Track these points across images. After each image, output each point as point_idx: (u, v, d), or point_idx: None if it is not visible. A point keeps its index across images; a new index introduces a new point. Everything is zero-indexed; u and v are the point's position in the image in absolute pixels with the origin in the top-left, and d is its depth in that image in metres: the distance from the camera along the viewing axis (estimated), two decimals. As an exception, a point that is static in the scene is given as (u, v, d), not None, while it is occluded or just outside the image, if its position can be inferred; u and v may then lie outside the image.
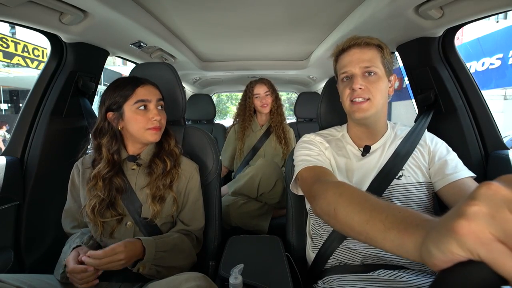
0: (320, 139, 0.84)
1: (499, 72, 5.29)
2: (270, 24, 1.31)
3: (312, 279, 0.80)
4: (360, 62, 0.73)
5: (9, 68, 8.32)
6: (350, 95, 0.74)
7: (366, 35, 0.75)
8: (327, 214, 0.53)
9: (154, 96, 0.83)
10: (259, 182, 1.42)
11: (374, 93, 0.72)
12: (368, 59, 0.72)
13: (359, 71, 0.73)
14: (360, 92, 0.72)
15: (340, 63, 0.78)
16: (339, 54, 0.78)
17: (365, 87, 0.72)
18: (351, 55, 0.74)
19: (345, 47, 0.76)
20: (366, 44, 0.73)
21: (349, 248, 0.74)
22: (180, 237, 0.82)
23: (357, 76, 0.73)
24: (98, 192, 0.78)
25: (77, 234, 0.83)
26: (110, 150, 0.81)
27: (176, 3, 1.07)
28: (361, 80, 0.72)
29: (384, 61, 0.74)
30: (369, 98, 0.73)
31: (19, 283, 0.63)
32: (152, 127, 0.82)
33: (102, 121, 0.82)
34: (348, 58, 0.75)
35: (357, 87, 0.72)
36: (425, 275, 0.69)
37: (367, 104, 0.73)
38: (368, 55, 0.73)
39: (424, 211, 0.74)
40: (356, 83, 0.72)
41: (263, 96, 1.71)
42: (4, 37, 6.91)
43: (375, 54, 0.73)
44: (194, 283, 0.61)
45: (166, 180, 0.84)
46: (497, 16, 1.11)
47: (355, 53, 0.74)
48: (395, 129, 0.83)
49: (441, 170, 0.74)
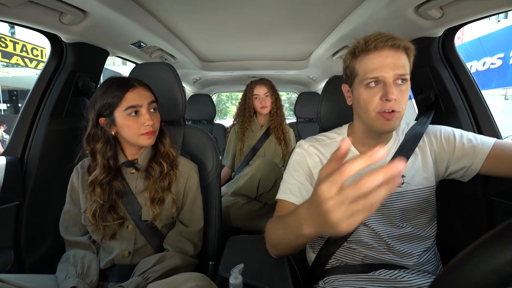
0: (313, 150, 0.77)
1: (500, 71, 5.23)
2: (270, 24, 1.31)
3: (313, 279, 0.80)
4: (395, 68, 0.62)
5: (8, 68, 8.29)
6: (379, 106, 0.64)
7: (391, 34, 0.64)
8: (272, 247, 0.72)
9: (145, 100, 0.79)
10: (259, 182, 1.41)
11: (403, 105, 0.65)
12: (403, 65, 0.63)
13: (392, 78, 0.63)
14: (393, 104, 0.63)
15: (367, 63, 0.65)
16: (364, 52, 0.65)
17: (397, 98, 0.63)
18: (384, 57, 0.63)
19: (374, 46, 0.63)
20: (397, 47, 0.63)
21: (350, 248, 0.74)
22: (174, 263, 0.78)
23: (391, 84, 0.63)
24: (97, 198, 0.77)
25: (70, 259, 0.76)
26: (105, 156, 0.79)
27: (176, 3, 1.07)
28: (395, 90, 0.63)
29: (410, 65, 0.66)
30: (399, 111, 0.64)
31: (19, 283, 0.63)
32: (145, 132, 0.78)
33: (94, 127, 0.79)
34: (380, 61, 0.63)
35: (392, 98, 0.62)
36: (426, 275, 0.69)
37: (396, 116, 0.64)
38: (403, 60, 0.63)
39: (425, 216, 0.74)
40: (391, 93, 0.62)
41: (263, 97, 1.71)
42: (3, 37, 6.86)
43: (406, 59, 0.64)
44: (194, 283, 0.61)
45: (164, 182, 0.83)
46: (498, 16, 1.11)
47: (388, 55, 0.62)
48: (399, 133, 0.79)
49: (464, 158, 0.71)
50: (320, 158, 0.77)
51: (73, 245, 0.83)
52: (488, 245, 0.28)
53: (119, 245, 0.81)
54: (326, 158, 0.77)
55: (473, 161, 0.70)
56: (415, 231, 0.72)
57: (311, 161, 0.77)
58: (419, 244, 0.72)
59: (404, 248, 0.70)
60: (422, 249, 0.72)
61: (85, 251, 0.80)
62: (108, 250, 0.82)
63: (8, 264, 0.91)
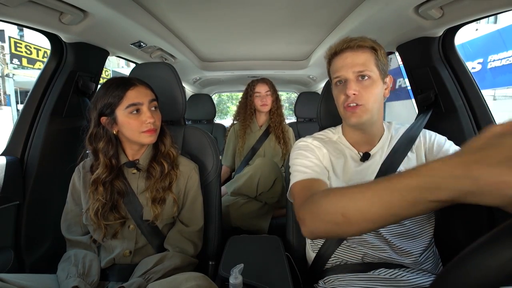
0: (317, 144, 0.80)
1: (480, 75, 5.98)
2: (270, 24, 1.31)
3: (313, 279, 0.80)
4: (353, 67, 0.70)
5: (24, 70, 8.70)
6: (344, 101, 0.73)
7: (360, 36, 0.72)
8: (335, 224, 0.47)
9: (146, 98, 0.80)
10: (258, 181, 1.41)
11: (367, 98, 0.71)
12: (362, 63, 0.70)
13: (352, 75, 0.71)
14: (354, 98, 0.71)
15: (333, 66, 0.75)
16: (332, 57, 0.76)
17: (358, 93, 0.70)
18: (343, 58, 0.72)
19: (337, 50, 0.73)
20: (359, 47, 0.71)
21: (349, 247, 0.74)
22: (174, 263, 0.77)
23: (351, 81, 0.71)
24: (100, 197, 0.78)
25: (71, 259, 0.77)
26: (107, 155, 0.80)
27: (176, 3, 1.07)
28: (354, 85, 0.70)
29: (378, 63, 0.71)
30: (362, 104, 0.71)
31: (19, 283, 0.63)
32: (147, 130, 0.79)
33: (96, 126, 0.80)
34: (341, 62, 0.72)
35: (350, 93, 0.70)
36: (425, 274, 0.69)
37: (361, 109, 0.71)
38: (362, 59, 0.70)
39: (424, 215, 0.74)
40: (350, 88, 0.70)
41: (264, 95, 1.72)
42: (28, 45, 7.48)
43: (368, 57, 0.71)
44: (194, 283, 0.61)
45: (165, 182, 0.83)
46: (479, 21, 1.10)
47: (347, 56, 0.71)
48: (391, 130, 0.82)
49: None
50: (327, 151, 0.79)
51: (74, 244, 0.83)
52: (494, 241, 0.27)
53: (120, 244, 0.82)
54: (330, 152, 0.79)
55: None
56: (414, 228, 0.73)
57: (320, 152, 0.78)
58: (418, 242, 0.72)
59: (403, 245, 0.71)
60: (422, 247, 0.72)
61: (86, 251, 0.81)
62: (109, 249, 0.83)
63: (8, 264, 0.91)
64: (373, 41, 0.72)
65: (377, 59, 0.71)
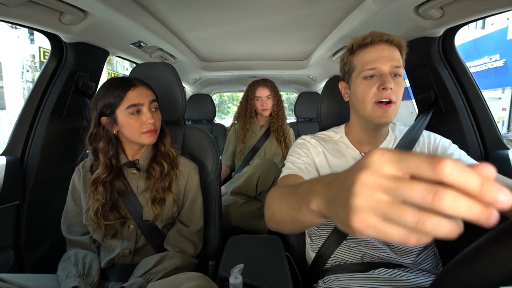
0: (315, 142, 0.80)
1: None
2: (270, 24, 1.31)
3: (312, 279, 0.80)
4: (391, 61, 0.66)
5: None
6: (376, 96, 0.67)
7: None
8: (270, 220, 0.54)
9: (147, 98, 0.79)
10: (257, 180, 1.41)
11: (399, 96, 0.68)
12: (398, 59, 0.67)
13: (388, 69, 0.66)
14: (390, 93, 0.66)
15: (364, 57, 0.69)
16: (361, 48, 0.70)
17: (393, 88, 0.66)
18: (380, 50, 0.67)
19: (370, 41, 0.67)
20: (390, 42, 0.67)
21: (349, 246, 0.74)
22: (174, 264, 0.77)
23: (385, 75, 0.66)
24: (99, 197, 0.78)
25: (71, 259, 0.76)
26: (107, 155, 0.80)
27: (176, 3, 1.07)
28: (391, 80, 0.66)
29: (403, 64, 0.70)
30: (395, 102, 0.67)
31: (19, 282, 0.63)
32: (147, 131, 0.79)
33: (96, 126, 0.80)
34: (377, 54, 0.67)
35: (389, 86, 0.65)
36: (425, 274, 0.69)
37: (392, 108, 0.67)
38: (397, 55, 0.68)
39: None
40: (389, 82, 0.65)
41: (265, 99, 1.69)
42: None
43: (399, 55, 0.68)
44: (194, 283, 0.61)
45: (164, 182, 0.83)
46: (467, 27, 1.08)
47: (384, 49, 0.67)
48: (395, 131, 0.81)
49: None
50: (323, 149, 0.79)
51: (74, 244, 0.83)
52: (494, 242, 0.28)
53: (120, 244, 0.82)
54: (328, 151, 0.79)
55: None
56: None
57: (315, 151, 0.79)
58: None
59: (402, 245, 0.70)
60: (421, 246, 0.72)
61: (86, 251, 0.81)
62: (109, 249, 0.83)
63: (8, 264, 0.91)
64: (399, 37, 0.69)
65: (402, 58, 0.70)
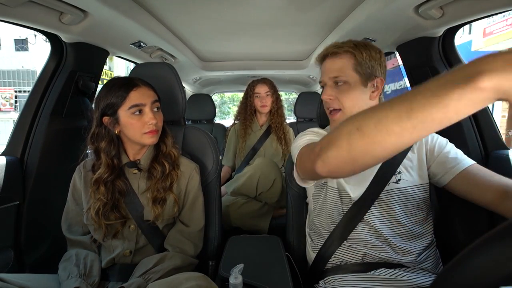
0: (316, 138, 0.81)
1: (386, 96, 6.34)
2: (270, 23, 1.31)
3: (313, 279, 0.80)
4: (329, 72, 0.74)
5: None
6: (325, 105, 0.77)
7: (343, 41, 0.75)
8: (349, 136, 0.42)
9: (149, 99, 0.79)
10: (258, 181, 1.41)
11: (344, 103, 0.73)
12: (337, 69, 0.73)
13: (329, 81, 0.75)
14: (330, 102, 0.75)
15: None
16: (321, 63, 0.80)
17: (334, 97, 0.73)
18: (324, 65, 0.77)
19: (321, 58, 0.78)
20: (334, 54, 0.74)
21: (350, 247, 0.74)
22: (174, 264, 0.77)
23: (327, 86, 0.75)
24: (101, 196, 0.78)
25: (72, 258, 0.76)
26: (109, 155, 0.80)
27: (176, 3, 1.07)
28: (330, 90, 0.74)
29: (358, 68, 0.71)
30: (340, 109, 0.73)
31: (19, 283, 0.63)
32: (149, 131, 0.79)
33: (98, 126, 0.80)
34: (322, 69, 0.78)
35: (325, 98, 0.74)
36: (426, 274, 0.69)
37: (339, 114, 0.74)
38: (338, 64, 0.73)
39: (421, 212, 0.74)
40: (324, 93, 0.75)
41: (264, 96, 1.72)
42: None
43: (345, 62, 0.72)
44: (194, 283, 0.61)
45: (165, 182, 0.83)
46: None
47: (326, 63, 0.76)
48: None
49: (443, 164, 0.73)
50: None
51: (75, 244, 0.83)
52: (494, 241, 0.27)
53: (121, 244, 0.82)
54: None
55: (446, 172, 0.72)
56: (414, 228, 0.73)
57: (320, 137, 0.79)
58: (418, 241, 0.72)
59: (404, 245, 0.71)
60: (422, 246, 0.72)
61: (87, 251, 0.81)
62: (109, 249, 0.83)
63: (8, 264, 0.91)
64: (354, 45, 0.73)
65: (357, 64, 0.72)
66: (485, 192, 0.65)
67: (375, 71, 0.73)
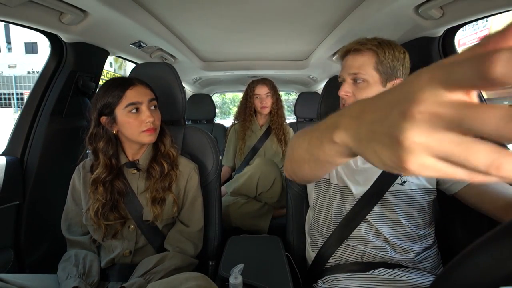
0: None
1: None
2: (270, 23, 1.31)
3: (312, 278, 0.80)
4: (349, 69, 0.73)
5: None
6: (340, 101, 0.76)
7: (366, 38, 0.73)
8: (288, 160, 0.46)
9: (145, 97, 0.80)
10: (258, 181, 1.41)
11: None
12: (358, 66, 0.72)
13: (348, 77, 0.74)
14: (346, 99, 0.74)
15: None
16: (342, 59, 0.79)
17: (351, 94, 0.73)
18: (345, 61, 0.76)
19: (343, 54, 0.77)
20: (357, 51, 0.72)
21: (349, 246, 0.74)
22: (174, 264, 0.78)
23: (345, 83, 0.74)
24: (100, 197, 0.78)
25: (72, 259, 0.77)
26: (107, 155, 0.80)
27: (176, 3, 1.07)
28: (347, 87, 0.73)
29: (378, 67, 0.70)
30: None
31: (19, 283, 0.63)
32: (146, 129, 0.79)
33: (96, 126, 0.80)
34: (343, 64, 0.77)
35: (341, 94, 0.74)
36: (424, 274, 0.69)
37: None
38: (359, 62, 0.72)
39: (425, 216, 0.74)
40: (341, 89, 0.74)
41: (263, 97, 1.71)
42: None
43: (367, 60, 0.71)
44: (194, 283, 0.61)
45: (164, 182, 0.83)
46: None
47: (347, 59, 0.75)
48: None
49: None
50: None
51: (74, 244, 0.84)
52: (493, 242, 0.27)
53: (120, 244, 0.82)
54: None
55: (450, 184, 0.72)
56: (416, 230, 0.72)
57: None
58: (419, 243, 0.72)
59: (404, 244, 0.71)
60: (422, 247, 0.72)
61: (86, 251, 0.81)
62: (109, 249, 0.83)
63: (8, 264, 0.91)
64: (378, 43, 0.71)
65: (378, 62, 0.70)
66: (496, 202, 0.63)
67: (396, 72, 0.71)
